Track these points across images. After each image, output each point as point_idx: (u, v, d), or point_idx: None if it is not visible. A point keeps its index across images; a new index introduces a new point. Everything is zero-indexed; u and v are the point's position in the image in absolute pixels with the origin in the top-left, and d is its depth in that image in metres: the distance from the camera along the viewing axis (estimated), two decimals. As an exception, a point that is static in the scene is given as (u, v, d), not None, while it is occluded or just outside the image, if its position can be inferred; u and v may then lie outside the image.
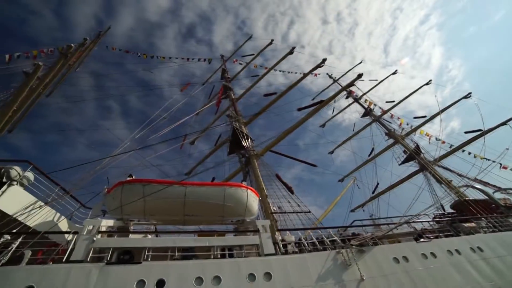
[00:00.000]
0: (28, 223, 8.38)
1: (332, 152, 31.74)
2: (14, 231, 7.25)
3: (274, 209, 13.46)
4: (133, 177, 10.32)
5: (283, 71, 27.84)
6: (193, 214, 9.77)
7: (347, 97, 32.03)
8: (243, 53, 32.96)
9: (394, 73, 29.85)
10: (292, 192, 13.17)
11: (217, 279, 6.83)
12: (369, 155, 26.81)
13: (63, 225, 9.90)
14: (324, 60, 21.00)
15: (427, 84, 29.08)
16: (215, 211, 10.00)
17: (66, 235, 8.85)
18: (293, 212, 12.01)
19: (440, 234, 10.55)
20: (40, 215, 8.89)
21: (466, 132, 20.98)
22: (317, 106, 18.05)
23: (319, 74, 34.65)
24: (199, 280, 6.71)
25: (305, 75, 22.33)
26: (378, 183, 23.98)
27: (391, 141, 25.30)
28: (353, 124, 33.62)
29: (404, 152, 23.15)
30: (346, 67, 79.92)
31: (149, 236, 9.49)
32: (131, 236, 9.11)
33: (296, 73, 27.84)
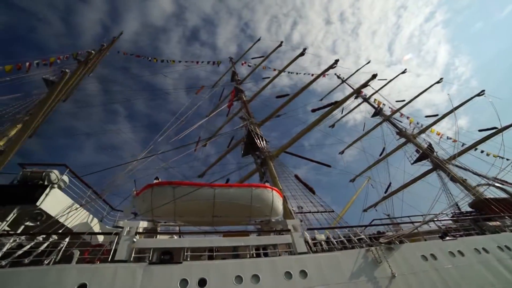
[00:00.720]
0: (68, 224, 8.71)
1: (342, 152, 31.81)
2: (60, 231, 7.55)
3: (293, 210, 13.63)
4: (159, 179, 10.60)
5: (290, 72, 28.06)
6: (221, 215, 10.01)
7: (356, 97, 32.08)
8: (249, 55, 33.29)
9: (404, 72, 29.88)
10: (313, 192, 13.36)
11: (256, 277, 7.03)
12: (380, 155, 26.88)
13: (96, 227, 10.22)
14: (336, 61, 21.16)
15: (438, 82, 29.02)
16: (242, 212, 10.23)
17: (99, 236, 9.22)
18: (317, 212, 12.19)
19: (464, 232, 10.63)
20: (76, 217, 9.21)
21: (480, 130, 20.93)
22: (332, 107, 18.21)
23: (327, 74, 34.87)
24: (239, 278, 6.92)
25: (318, 76, 22.52)
26: (390, 183, 24.02)
27: (402, 140, 25.37)
28: (358, 124, 33.73)
29: (417, 151, 23.17)
30: (351, 67, 79.77)
31: (175, 237, 9.75)
32: (159, 237, 9.37)
33: (302, 73, 28.01)
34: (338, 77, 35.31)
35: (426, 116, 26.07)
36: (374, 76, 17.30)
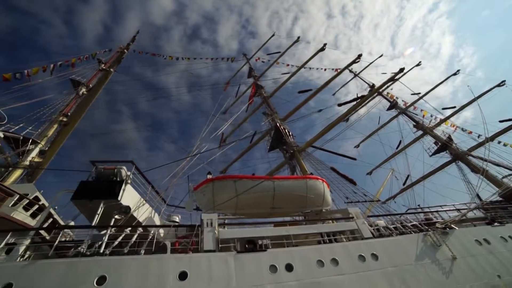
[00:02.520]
0: (139, 218, 9.08)
1: (358, 146, 32.46)
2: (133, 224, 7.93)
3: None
4: (212, 175, 10.97)
5: (314, 68, 28.28)
6: (279, 206, 10.45)
7: (370, 91, 32.44)
8: (247, 51, 33.46)
9: (418, 64, 30.17)
10: (354, 183, 13.86)
11: (334, 261, 7.53)
12: (396, 148, 27.49)
13: (157, 220, 10.58)
14: (359, 55, 21.50)
15: (455, 74, 29.53)
16: (298, 203, 10.70)
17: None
18: (365, 201, 12.71)
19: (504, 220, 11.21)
20: (143, 211, 9.58)
21: (501, 121, 21.52)
22: (359, 101, 18.62)
23: (339, 69, 35.19)
24: (320, 263, 7.41)
25: (341, 71, 22.87)
26: (408, 175, 24.68)
27: (419, 133, 25.94)
28: (371, 117, 34.09)
29: (435, 143, 23.77)
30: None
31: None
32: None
33: (322, 69, 28.25)
34: (350, 71, 35.64)
35: (443, 108, 26.69)
36: (401, 70, 17.70)
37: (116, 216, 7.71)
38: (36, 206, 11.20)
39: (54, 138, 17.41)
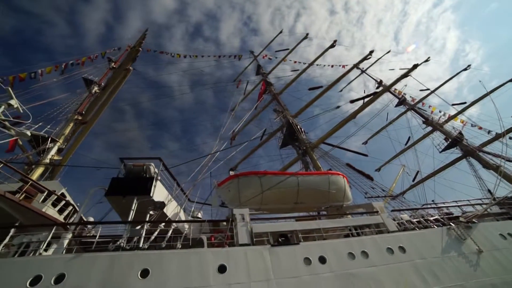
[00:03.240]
0: (168, 214, 9.27)
1: (366, 143, 32.51)
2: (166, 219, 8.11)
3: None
4: (234, 171, 11.13)
5: (322, 65, 28.29)
6: (302, 201, 10.62)
7: (378, 87, 32.46)
8: (249, 49, 33.38)
9: (427, 60, 29.99)
10: (371, 179, 14.00)
11: (364, 253, 7.71)
12: (405, 144, 27.54)
13: (182, 215, 10.78)
14: (371, 52, 21.52)
15: (465, 69, 29.43)
16: (321, 198, 10.86)
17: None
18: (385, 196, 12.89)
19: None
20: (171, 207, 9.78)
21: (514, 117, 21.48)
22: (371, 98, 18.68)
23: (346, 65, 35.14)
24: (351, 255, 7.59)
25: (353, 67, 22.88)
26: (418, 171, 24.78)
27: (428, 129, 25.96)
28: (375, 113, 34.09)
29: (445, 139, 23.79)
30: (356, 58, 79.53)
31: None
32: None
33: (330, 66, 28.19)
34: (357, 67, 35.50)
35: (453, 104, 26.63)
36: (415, 66, 17.69)
37: (151, 212, 7.89)
38: (63, 202, 11.49)
39: (71, 136, 17.72)
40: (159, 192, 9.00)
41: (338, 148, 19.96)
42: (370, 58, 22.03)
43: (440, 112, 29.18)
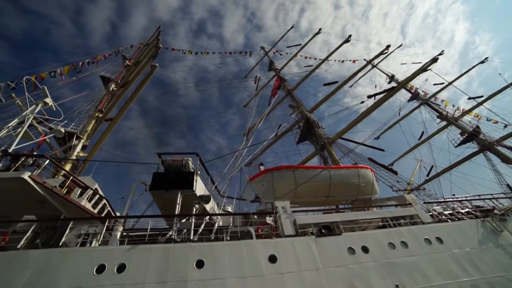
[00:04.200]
0: (206, 207, 9.53)
1: (378, 138, 32.50)
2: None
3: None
4: (264, 166, 11.34)
5: (332, 60, 28.19)
6: (333, 195, 10.82)
7: (389, 82, 32.30)
8: (255, 45, 33.38)
9: (441, 53, 29.57)
10: (395, 173, 14.14)
11: (404, 244, 7.92)
12: (419, 139, 27.51)
13: (216, 209, 11.06)
14: (388, 46, 21.43)
15: (482, 62, 29.13)
16: (351, 191, 11.06)
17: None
18: (414, 189, 13.05)
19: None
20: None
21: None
22: (390, 93, 18.69)
23: (357, 60, 34.95)
24: (391, 245, 7.80)
25: (369, 62, 22.83)
26: (432, 166, 24.81)
27: (442, 123, 25.87)
28: (386, 108, 33.91)
29: (461, 134, 23.73)
30: (361, 52, 78.75)
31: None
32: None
33: (347, 61, 28.16)
34: (368, 62, 35.25)
35: (469, 98, 26.43)
36: (435, 59, 17.61)
37: (197, 205, 8.14)
38: (97, 197, 11.83)
39: (93, 133, 18.04)
40: (199, 187, 9.26)
41: (354, 143, 20.06)
42: (386, 52, 21.98)
43: (453, 106, 29.08)
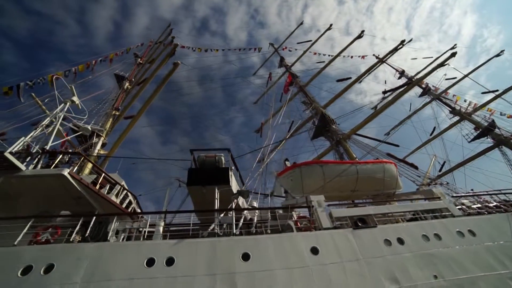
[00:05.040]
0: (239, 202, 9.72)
1: (388, 134, 32.49)
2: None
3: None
4: (289, 161, 11.49)
5: (341, 56, 28.11)
6: (359, 189, 10.98)
7: (399, 77, 32.18)
8: (260, 42, 33.32)
9: (453, 47, 29.41)
10: (416, 168, 14.25)
11: (437, 236, 8.06)
12: (431, 134, 27.48)
13: (244, 203, 11.24)
14: (402, 41, 21.34)
15: (498, 55, 28.87)
16: (376, 185, 11.21)
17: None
18: (436, 184, 13.18)
19: None
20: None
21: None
22: (406, 88, 18.69)
23: (366, 56, 34.81)
24: (425, 237, 7.95)
25: (384, 57, 22.78)
26: (445, 161, 24.84)
27: (455, 118, 25.84)
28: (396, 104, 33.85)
29: (475, 128, 23.70)
30: (365, 47, 77.93)
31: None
32: None
33: (356, 56, 28.09)
34: (377, 57, 35.11)
35: (483, 93, 26.31)
36: (453, 54, 17.54)
37: (235, 200, 8.32)
38: (124, 193, 12.07)
39: (110, 130, 18.26)
40: (233, 182, 9.44)
41: (369, 138, 20.15)
42: (401, 47, 21.90)
43: (465, 101, 28.99)
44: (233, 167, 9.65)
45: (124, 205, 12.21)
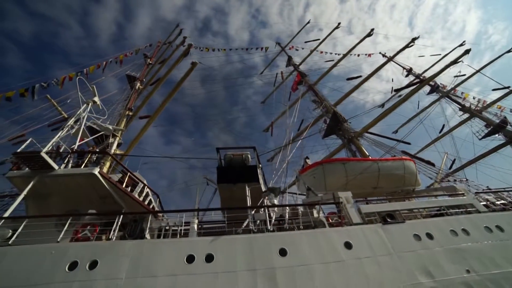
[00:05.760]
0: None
1: (396, 132, 32.53)
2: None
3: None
4: (309, 159, 11.61)
5: (351, 54, 28.19)
6: (381, 186, 11.09)
7: (407, 75, 32.19)
8: (262, 41, 33.39)
9: (462, 44, 29.35)
10: (432, 165, 14.36)
11: (465, 231, 8.16)
12: (440, 132, 27.51)
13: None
14: (413, 39, 21.40)
15: (509, 51, 28.78)
16: (397, 182, 11.32)
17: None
18: (455, 181, 13.27)
19: None
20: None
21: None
22: (417, 86, 18.75)
23: (372, 54, 34.83)
24: (453, 232, 8.05)
25: (394, 56, 22.86)
26: (454, 159, 24.84)
27: (464, 116, 25.83)
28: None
29: (486, 126, 23.71)
30: (368, 47, 77.80)
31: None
32: None
33: (363, 55, 28.13)
34: (384, 55, 35.13)
35: (493, 89, 26.31)
36: (467, 51, 17.55)
37: (267, 197, 8.46)
38: (146, 191, 12.22)
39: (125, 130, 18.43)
40: (261, 180, 9.56)
41: (381, 136, 20.22)
42: (412, 45, 21.91)
43: (473, 98, 28.98)
44: (260, 165, 9.79)
45: (145, 203, 12.41)
